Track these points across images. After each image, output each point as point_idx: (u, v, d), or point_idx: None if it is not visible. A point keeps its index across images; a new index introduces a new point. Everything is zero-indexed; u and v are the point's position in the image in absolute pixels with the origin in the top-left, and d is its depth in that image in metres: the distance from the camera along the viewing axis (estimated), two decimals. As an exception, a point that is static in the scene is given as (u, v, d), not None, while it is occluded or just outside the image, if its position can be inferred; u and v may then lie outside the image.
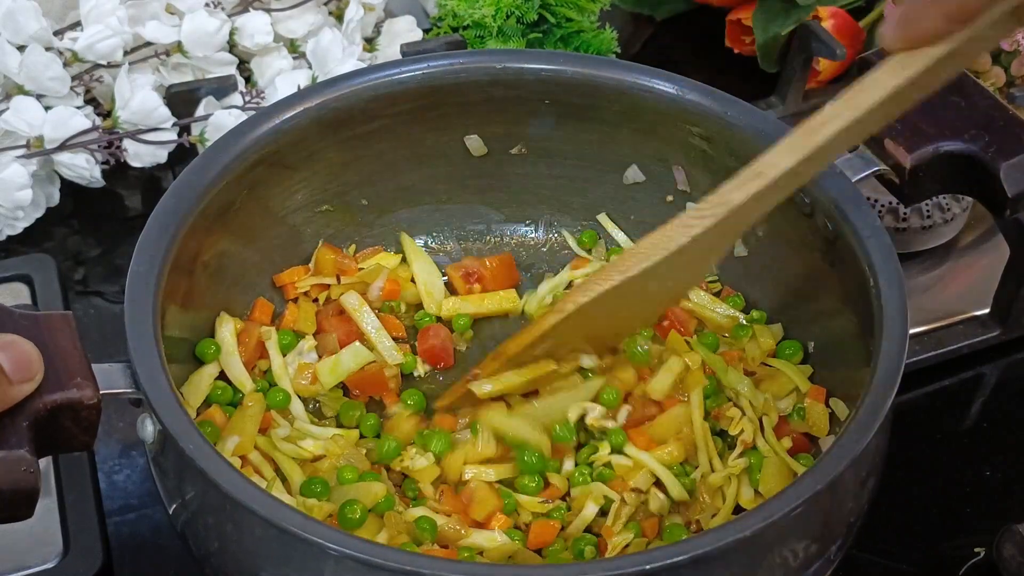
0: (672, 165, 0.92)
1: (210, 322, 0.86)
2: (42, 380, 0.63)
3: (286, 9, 1.12)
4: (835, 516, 0.69)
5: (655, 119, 0.89)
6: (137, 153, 1.05)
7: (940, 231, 1.02)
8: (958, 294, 1.01)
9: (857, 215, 0.78)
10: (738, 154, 0.87)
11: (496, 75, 0.89)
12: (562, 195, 0.97)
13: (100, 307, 1.03)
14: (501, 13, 1.13)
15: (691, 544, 0.62)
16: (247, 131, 0.84)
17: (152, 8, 1.07)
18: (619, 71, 0.89)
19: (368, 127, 0.89)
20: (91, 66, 1.06)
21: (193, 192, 0.79)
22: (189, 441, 0.65)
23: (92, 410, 0.65)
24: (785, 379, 0.85)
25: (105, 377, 0.66)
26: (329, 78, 0.91)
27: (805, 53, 1.13)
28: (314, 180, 0.90)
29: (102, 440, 0.92)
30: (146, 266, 0.74)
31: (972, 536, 0.87)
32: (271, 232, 0.89)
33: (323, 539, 0.62)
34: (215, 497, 0.66)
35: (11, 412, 0.62)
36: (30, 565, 0.78)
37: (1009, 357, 1.00)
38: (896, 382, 0.69)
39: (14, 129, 1.01)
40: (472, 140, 0.94)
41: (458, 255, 0.97)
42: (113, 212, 1.11)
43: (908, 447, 0.93)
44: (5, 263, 0.97)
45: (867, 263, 0.76)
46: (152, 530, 0.87)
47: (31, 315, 0.67)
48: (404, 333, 0.91)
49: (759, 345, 0.87)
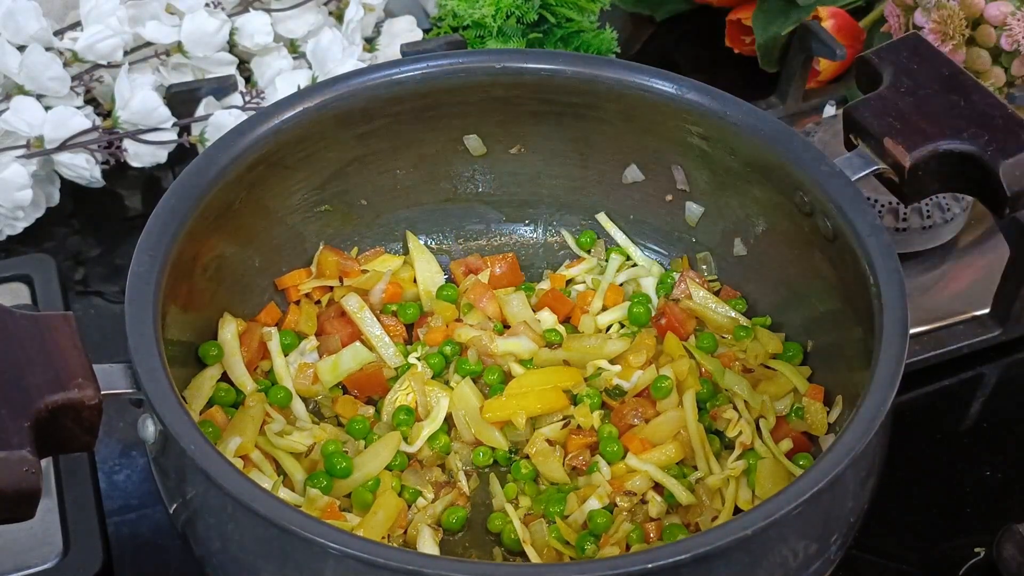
0: (671, 164, 0.92)
1: (211, 324, 0.86)
2: (43, 381, 0.63)
3: (286, 9, 1.12)
4: (835, 515, 0.69)
5: (654, 119, 0.89)
6: (137, 153, 1.05)
7: (940, 231, 1.02)
8: (958, 294, 1.01)
9: (856, 214, 0.78)
10: (737, 153, 0.87)
11: (495, 75, 0.89)
12: (561, 195, 0.97)
13: (100, 307, 1.03)
14: (501, 13, 1.13)
15: (692, 543, 0.62)
16: (246, 132, 0.83)
17: (152, 8, 1.07)
18: (618, 71, 0.89)
19: (367, 127, 0.89)
20: (91, 66, 1.06)
21: (193, 192, 0.79)
22: (190, 441, 0.65)
23: (93, 410, 0.65)
24: (784, 380, 0.85)
25: (106, 377, 0.66)
26: (328, 78, 0.91)
27: (805, 53, 1.13)
28: (313, 180, 0.90)
29: (103, 440, 0.91)
30: (146, 266, 0.74)
31: (972, 536, 0.87)
32: (271, 232, 0.89)
33: (324, 538, 0.62)
34: (216, 497, 0.66)
35: (12, 413, 0.62)
36: (30, 565, 0.78)
37: (1009, 357, 1.00)
38: (896, 382, 0.69)
39: (14, 129, 1.01)
40: (471, 140, 0.94)
41: (458, 254, 0.97)
42: (113, 212, 1.11)
43: (908, 447, 0.93)
44: (5, 263, 0.97)
45: (867, 262, 0.76)
46: (152, 530, 0.87)
47: (31, 315, 0.67)
48: (405, 335, 0.92)
49: (761, 345, 0.87)
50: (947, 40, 1.02)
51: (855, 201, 0.79)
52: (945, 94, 0.81)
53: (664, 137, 0.90)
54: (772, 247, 0.89)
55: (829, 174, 0.80)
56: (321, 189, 0.91)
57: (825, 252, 0.82)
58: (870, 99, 0.82)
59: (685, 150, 0.90)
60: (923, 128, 0.79)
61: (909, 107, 0.81)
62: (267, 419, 0.83)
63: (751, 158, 0.86)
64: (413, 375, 0.86)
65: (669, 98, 0.88)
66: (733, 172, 0.88)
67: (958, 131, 0.79)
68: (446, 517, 0.80)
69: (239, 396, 0.84)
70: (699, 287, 0.91)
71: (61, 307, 0.93)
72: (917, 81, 0.82)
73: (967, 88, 0.81)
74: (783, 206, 0.85)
